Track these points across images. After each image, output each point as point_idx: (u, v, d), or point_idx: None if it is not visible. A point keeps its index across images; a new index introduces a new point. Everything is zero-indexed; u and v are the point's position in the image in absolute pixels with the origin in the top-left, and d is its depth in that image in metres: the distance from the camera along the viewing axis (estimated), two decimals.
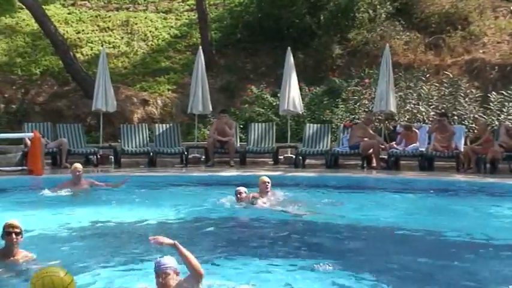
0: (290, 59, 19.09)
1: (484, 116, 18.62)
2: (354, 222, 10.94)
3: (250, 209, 11.68)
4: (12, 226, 7.66)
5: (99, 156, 18.24)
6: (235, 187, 12.22)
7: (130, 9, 26.34)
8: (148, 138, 18.92)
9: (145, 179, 15.88)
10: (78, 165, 13.96)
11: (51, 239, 9.37)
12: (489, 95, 19.16)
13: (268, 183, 12.35)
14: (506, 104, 18.68)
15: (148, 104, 21.88)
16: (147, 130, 19.12)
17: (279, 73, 19.97)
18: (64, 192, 13.32)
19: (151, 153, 18.26)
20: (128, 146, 18.52)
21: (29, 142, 16.98)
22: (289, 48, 19.20)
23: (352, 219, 11.12)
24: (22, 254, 7.79)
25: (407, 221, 11.04)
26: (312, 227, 10.64)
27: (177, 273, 6.33)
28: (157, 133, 18.94)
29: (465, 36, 22.84)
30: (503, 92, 18.97)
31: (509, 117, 18.33)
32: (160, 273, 6.24)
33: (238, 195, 11.99)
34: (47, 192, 13.33)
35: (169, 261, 6.32)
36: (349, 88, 20.95)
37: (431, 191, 14.19)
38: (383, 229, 10.61)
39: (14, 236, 7.62)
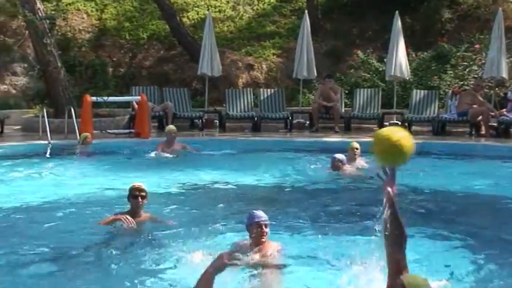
0: (398, 24, 18.68)
1: None
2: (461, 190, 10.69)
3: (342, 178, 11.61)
4: (140, 190, 7.88)
5: (204, 120, 18.42)
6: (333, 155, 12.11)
7: None
8: (252, 103, 18.97)
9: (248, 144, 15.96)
10: (173, 127, 14.38)
11: (158, 200, 9.52)
12: None
13: (357, 149, 12.30)
14: None
15: (253, 69, 21.93)
16: (252, 95, 19.15)
17: (386, 38, 19.57)
18: (166, 155, 13.60)
19: (255, 118, 18.30)
20: (233, 111, 18.62)
21: (136, 105, 17.32)
22: (397, 12, 18.76)
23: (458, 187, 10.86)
24: (146, 215, 8.05)
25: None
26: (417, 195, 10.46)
27: None
28: (261, 98, 18.95)
29: None
30: None
31: None
32: (263, 223, 6.52)
33: (336, 164, 11.86)
34: (152, 154, 13.61)
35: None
36: (458, 54, 20.38)
37: None
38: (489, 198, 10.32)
39: (140, 199, 7.86)
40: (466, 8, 22.46)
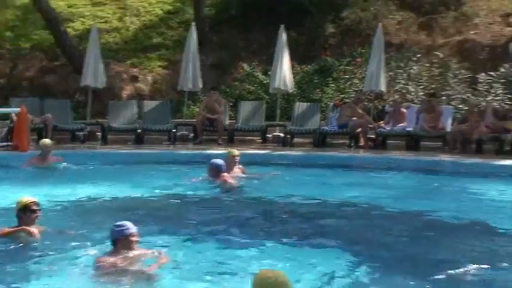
0: (283, 37, 18.97)
1: (472, 97, 18.53)
2: (340, 201, 10.95)
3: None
4: (36, 204, 7.81)
5: (86, 133, 18.14)
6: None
7: None
8: (137, 115, 18.82)
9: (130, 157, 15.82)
10: (48, 141, 14.23)
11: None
12: (478, 76, 19.07)
13: (237, 157, 12.50)
14: (494, 85, 18.56)
15: (138, 81, 21.80)
16: (136, 107, 19.00)
17: (271, 51, 19.78)
18: (33, 168, 13.37)
19: (139, 130, 18.17)
20: (116, 123, 18.42)
21: (15, 117, 16.85)
22: (282, 26, 19.05)
23: (337, 198, 11.11)
24: (39, 228, 7.84)
25: (389, 201, 11.00)
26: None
27: None
28: (146, 110, 18.83)
29: (457, 17, 22.69)
30: (491, 73, 18.85)
31: (496, 98, 18.23)
32: (134, 233, 6.68)
33: (214, 169, 11.92)
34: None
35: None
36: (340, 67, 20.85)
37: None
38: (367, 208, 10.56)
39: (37, 213, 7.80)
40: (349, 23, 22.98)
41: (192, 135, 18.56)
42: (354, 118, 17.55)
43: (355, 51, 21.17)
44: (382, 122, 17.83)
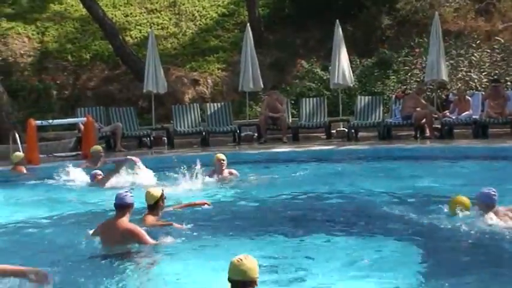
0: (339, 32, 18.95)
1: None
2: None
3: None
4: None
5: (152, 138, 18.40)
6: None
7: None
8: (200, 118, 19.00)
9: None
10: (99, 147, 14.70)
11: None
12: None
13: (224, 160, 12.30)
14: None
15: (198, 84, 21.99)
16: (199, 110, 19.18)
17: (329, 47, 19.81)
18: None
19: (203, 133, 18.35)
20: (181, 127, 18.64)
21: (82, 127, 17.21)
22: (337, 20, 19.04)
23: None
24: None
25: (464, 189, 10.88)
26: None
27: None
28: (209, 112, 19.01)
29: None
30: None
31: None
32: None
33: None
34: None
35: None
36: (399, 59, 20.75)
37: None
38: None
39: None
40: (405, 13, 22.78)
41: (256, 135, 18.65)
42: (418, 109, 17.44)
43: (413, 42, 20.99)
44: (447, 111, 17.68)
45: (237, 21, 24.38)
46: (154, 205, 8.56)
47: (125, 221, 7.80)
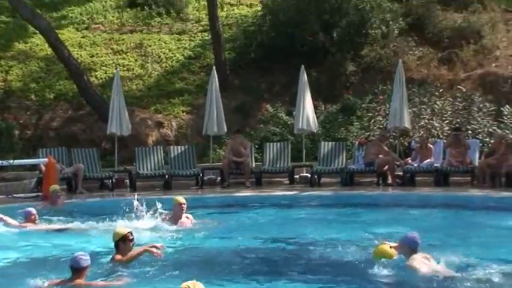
0: (304, 77, 19.09)
1: (498, 130, 18.50)
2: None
3: None
4: (132, 233, 8.92)
5: (114, 181, 18.26)
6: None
7: (144, 31, 26.36)
8: (163, 161, 18.90)
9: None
10: (57, 186, 14.86)
11: None
12: (502, 108, 19.08)
13: (184, 204, 11.95)
14: None
15: (163, 126, 21.94)
16: (162, 152, 19.09)
17: (294, 92, 19.93)
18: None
19: (166, 176, 18.26)
20: (143, 169, 18.52)
21: (43, 168, 17.03)
22: (302, 66, 19.19)
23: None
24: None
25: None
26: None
27: None
28: (172, 155, 18.92)
29: (478, 50, 22.83)
30: None
31: None
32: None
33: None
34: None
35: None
36: (363, 105, 20.92)
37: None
38: None
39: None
40: (369, 60, 23.07)
41: (219, 178, 18.60)
42: (380, 156, 17.56)
43: (377, 89, 21.20)
44: (409, 158, 17.83)
45: (203, 64, 24.45)
46: (115, 245, 8.68)
47: (83, 282, 7.76)
